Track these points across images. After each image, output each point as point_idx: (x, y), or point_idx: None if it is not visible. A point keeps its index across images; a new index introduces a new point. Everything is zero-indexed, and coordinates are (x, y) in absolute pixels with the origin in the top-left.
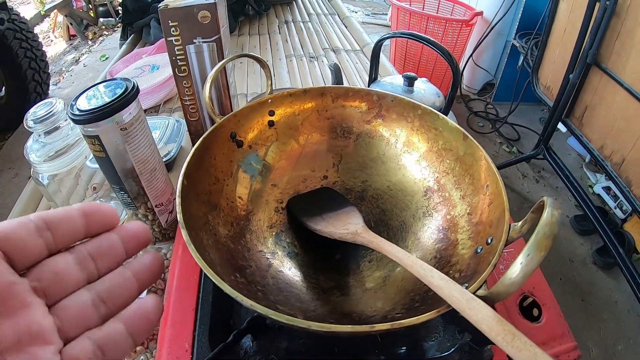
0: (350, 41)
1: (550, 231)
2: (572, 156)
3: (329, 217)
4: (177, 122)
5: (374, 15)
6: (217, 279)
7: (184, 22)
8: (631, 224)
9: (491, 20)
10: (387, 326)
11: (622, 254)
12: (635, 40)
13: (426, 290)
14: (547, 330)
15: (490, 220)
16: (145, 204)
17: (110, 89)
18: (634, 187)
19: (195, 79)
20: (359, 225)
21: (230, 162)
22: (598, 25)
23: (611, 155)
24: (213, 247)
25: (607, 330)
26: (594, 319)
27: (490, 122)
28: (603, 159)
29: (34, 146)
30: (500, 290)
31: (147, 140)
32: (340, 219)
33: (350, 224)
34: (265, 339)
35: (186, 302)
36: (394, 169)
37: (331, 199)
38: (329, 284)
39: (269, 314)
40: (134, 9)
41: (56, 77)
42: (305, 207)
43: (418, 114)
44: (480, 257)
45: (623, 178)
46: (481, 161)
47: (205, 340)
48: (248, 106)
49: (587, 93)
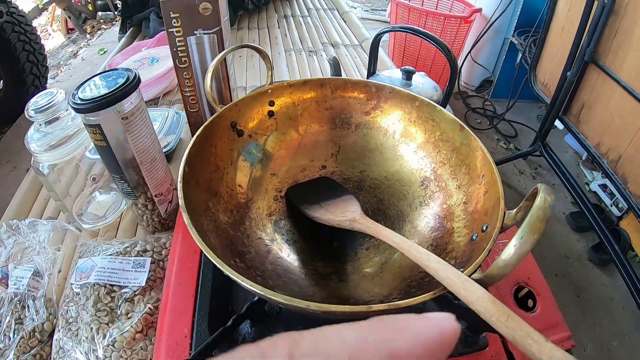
0: (349, 36)
1: (543, 214)
2: (569, 153)
3: (327, 205)
4: (177, 114)
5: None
6: (218, 261)
7: (185, 13)
8: (627, 221)
9: (490, 17)
10: (384, 307)
11: (618, 251)
12: (633, 39)
13: (422, 277)
14: (541, 319)
15: (486, 208)
16: (145, 194)
17: (112, 78)
18: (630, 185)
19: (196, 70)
20: (356, 212)
21: (230, 151)
22: (596, 23)
23: (608, 152)
24: (213, 233)
25: (602, 327)
26: (589, 315)
27: (488, 119)
28: (600, 157)
29: (35, 135)
30: (494, 272)
31: (148, 129)
32: (338, 207)
33: (348, 211)
34: (264, 325)
35: (186, 288)
36: (392, 159)
37: (330, 189)
38: (326, 270)
39: (267, 294)
40: (133, 2)
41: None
42: (304, 195)
43: (416, 106)
44: (476, 244)
45: (619, 175)
46: (477, 151)
47: (204, 325)
48: (249, 96)
49: (585, 91)
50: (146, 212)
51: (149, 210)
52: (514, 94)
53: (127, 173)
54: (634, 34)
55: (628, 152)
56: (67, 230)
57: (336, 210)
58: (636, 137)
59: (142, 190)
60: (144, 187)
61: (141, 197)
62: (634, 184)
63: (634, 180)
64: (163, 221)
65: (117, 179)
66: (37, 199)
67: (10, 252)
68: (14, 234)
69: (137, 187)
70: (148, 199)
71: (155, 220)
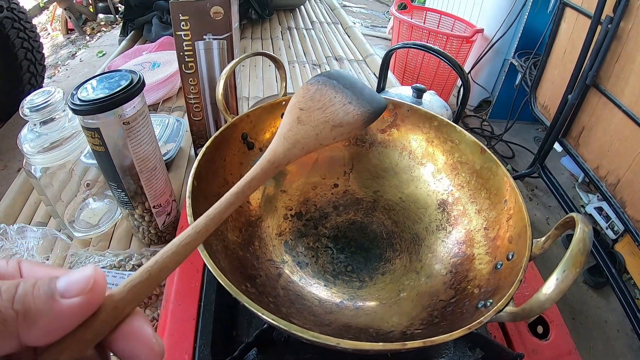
0: (353, 51)
1: (584, 247)
2: (565, 176)
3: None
4: (177, 122)
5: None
6: (234, 289)
7: (195, 16)
8: (622, 244)
9: (491, 38)
10: (420, 344)
11: (615, 274)
12: (635, 64)
13: (443, 306)
14: (555, 347)
15: (510, 235)
16: (143, 204)
17: (114, 80)
18: (628, 208)
19: (202, 77)
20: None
21: (240, 164)
22: (599, 47)
23: (606, 176)
24: (222, 254)
25: (597, 349)
26: (584, 337)
27: (486, 139)
28: (598, 180)
29: (29, 136)
30: (534, 306)
31: (150, 137)
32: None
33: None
34: (270, 353)
35: (186, 310)
36: (407, 180)
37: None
38: (341, 296)
39: (296, 331)
40: (136, 4)
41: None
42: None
43: (434, 125)
44: (501, 273)
45: (617, 199)
46: (500, 176)
47: (207, 352)
48: (261, 107)
49: (585, 114)
50: (143, 223)
51: (146, 222)
52: (513, 115)
53: (125, 181)
54: (636, 59)
55: (627, 176)
56: (57, 238)
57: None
58: (635, 161)
59: (140, 200)
60: (142, 197)
61: (138, 207)
62: (632, 208)
63: (632, 204)
64: (160, 234)
65: (114, 187)
66: (27, 202)
67: None
68: (1, 239)
69: (135, 196)
70: (146, 210)
71: (151, 233)
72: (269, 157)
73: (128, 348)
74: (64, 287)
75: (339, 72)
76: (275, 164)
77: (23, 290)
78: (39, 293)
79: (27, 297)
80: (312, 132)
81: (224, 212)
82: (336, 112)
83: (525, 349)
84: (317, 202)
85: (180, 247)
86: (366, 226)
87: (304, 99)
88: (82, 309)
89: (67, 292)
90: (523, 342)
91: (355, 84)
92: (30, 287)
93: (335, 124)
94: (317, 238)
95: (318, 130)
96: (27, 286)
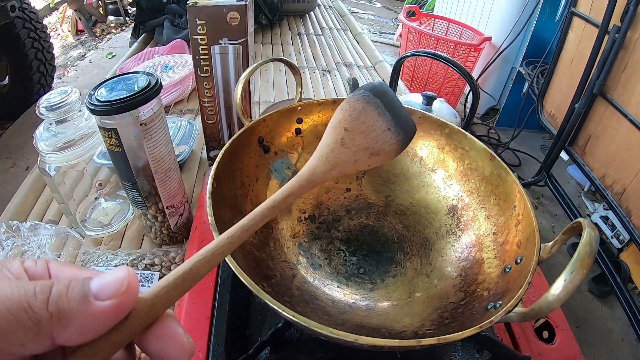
0: (362, 57)
1: (591, 250)
2: (571, 184)
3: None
4: (190, 124)
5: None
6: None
7: (212, 21)
8: (627, 254)
9: (499, 47)
10: (434, 341)
11: (620, 283)
12: None
13: (453, 307)
14: (560, 351)
15: (518, 240)
16: (157, 205)
17: (132, 81)
18: (633, 217)
19: (217, 80)
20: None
21: (256, 167)
22: (606, 57)
23: (612, 184)
24: (240, 254)
25: (601, 358)
26: (588, 346)
27: (492, 147)
28: (604, 188)
29: (44, 134)
30: (543, 306)
31: (165, 138)
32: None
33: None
34: (283, 352)
35: (200, 309)
36: (418, 185)
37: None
38: (354, 297)
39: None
40: (148, 7)
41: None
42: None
43: (445, 133)
44: (510, 276)
45: (623, 208)
46: (509, 182)
47: (221, 351)
48: (278, 111)
49: (592, 123)
50: (155, 223)
51: (159, 222)
52: (519, 124)
53: (140, 182)
54: None
55: (633, 185)
56: (69, 236)
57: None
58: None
59: (154, 200)
60: (155, 197)
61: (152, 207)
62: (638, 217)
63: (638, 213)
64: (172, 234)
65: (129, 187)
66: (38, 200)
67: (8, 254)
68: (14, 235)
69: (149, 197)
70: (159, 210)
71: (164, 233)
72: (308, 176)
73: (162, 348)
74: (98, 289)
75: (383, 88)
76: (313, 183)
77: (57, 291)
78: (72, 294)
79: (61, 298)
80: (352, 158)
81: (257, 225)
82: (376, 138)
83: (532, 353)
84: (330, 206)
85: (214, 256)
86: (378, 230)
87: (350, 118)
88: (116, 312)
89: (101, 293)
90: (529, 345)
91: (394, 103)
92: (64, 289)
93: (373, 152)
94: (330, 240)
95: (357, 157)
96: (60, 287)
